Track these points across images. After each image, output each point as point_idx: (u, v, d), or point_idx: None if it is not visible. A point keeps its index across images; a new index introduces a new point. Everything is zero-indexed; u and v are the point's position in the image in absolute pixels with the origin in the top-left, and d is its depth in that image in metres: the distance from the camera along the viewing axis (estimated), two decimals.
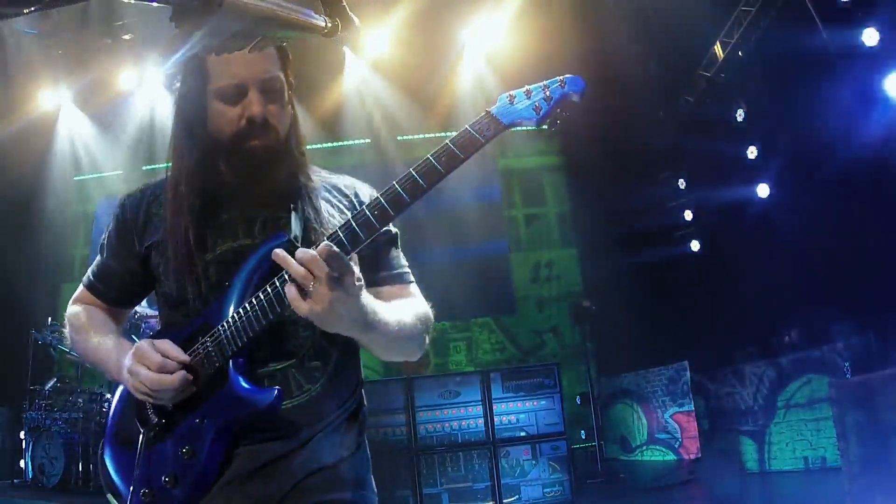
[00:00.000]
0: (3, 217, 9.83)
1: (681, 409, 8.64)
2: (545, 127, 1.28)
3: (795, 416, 6.75)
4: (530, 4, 8.96)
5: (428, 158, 1.28)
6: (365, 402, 1.57)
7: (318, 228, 1.45)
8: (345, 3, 1.04)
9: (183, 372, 1.31)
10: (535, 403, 6.01)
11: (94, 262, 1.62)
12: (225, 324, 1.34)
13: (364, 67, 10.25)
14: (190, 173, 1.47)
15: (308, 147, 1.58)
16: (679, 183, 10.49)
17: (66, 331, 1.61)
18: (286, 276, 1.25)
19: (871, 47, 7.01)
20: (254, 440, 1.36)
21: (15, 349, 8.28)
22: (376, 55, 9.79)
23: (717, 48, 9.11)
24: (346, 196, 1.59)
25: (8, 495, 6.96)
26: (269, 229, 1.44)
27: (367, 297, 1.26)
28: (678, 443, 8.71)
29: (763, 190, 8.84)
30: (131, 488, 1.35)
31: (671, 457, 8.80)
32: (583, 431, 9.93)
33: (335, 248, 1.19)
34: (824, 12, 7.31)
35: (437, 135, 11.22)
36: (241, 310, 1.32)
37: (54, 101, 10.29)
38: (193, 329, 1.39)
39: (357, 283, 1.20)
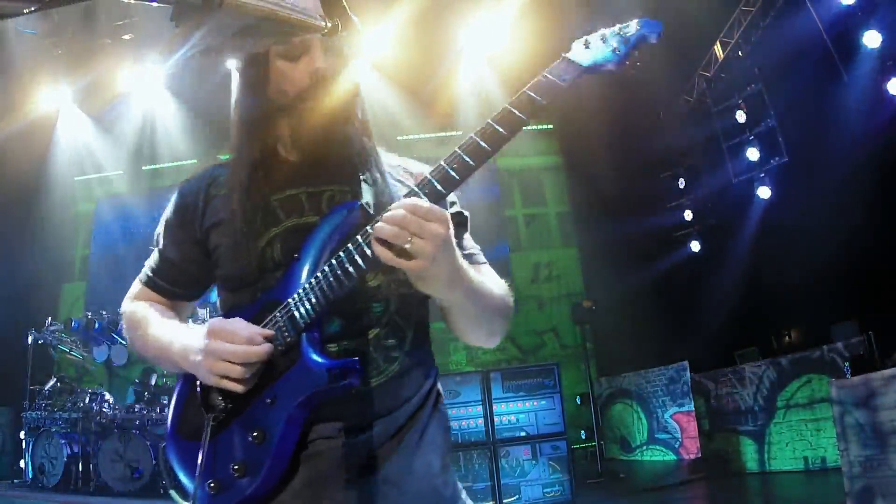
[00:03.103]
0: (3, 217, 9.84)
1: (681, 409, 8.64)
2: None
3: (795, 416, 6.76)
4: (530, 4, 8.96)
5: (506, 107, 1.20)
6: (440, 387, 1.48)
7: (387, 193, 1.40)
8: (345, 3, 1.04)
9: (269, 344, 1.23)
10: (534, 403, 6.01)
11: (151, 257, 1.54)
12: (296, 295, 1.25)
13: (364, 67, 10.26)
14: (253, 147, 1.42)
15: None
16: (679, 183, 10.50)
17: (124, 331, 1.52)
18: (361, 240, 1.19)
19: (872, 49, 7.01)
20: (331, 424, 1.26)
21: (15, 349, 8.28)
22: (376, 55, 9.79)
23: (717, 48, 9.12)
24: (404, 169, 1.54)
25: (8, 495, 6.96)
26: (337, 203, 1.37)
27: (458, 252, 1.21)
28: (678, 443, 8.71)
29: (763, 191, 8.84)
30: (196, 481, 1.26)
31: (671, 457, 8.80)
32: (583, 431, 9.93)
33: (423, 200, 1.15)
34: (825, 13, 7.31)
35: (437, 135, 11.23)
36: (313, 279, 1.24)
37: (54, 101, 10.28)
38: (261, 306, 1.31)
39: (451, 232, 1.14)
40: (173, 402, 1.43)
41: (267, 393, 1.25)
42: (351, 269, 1.20)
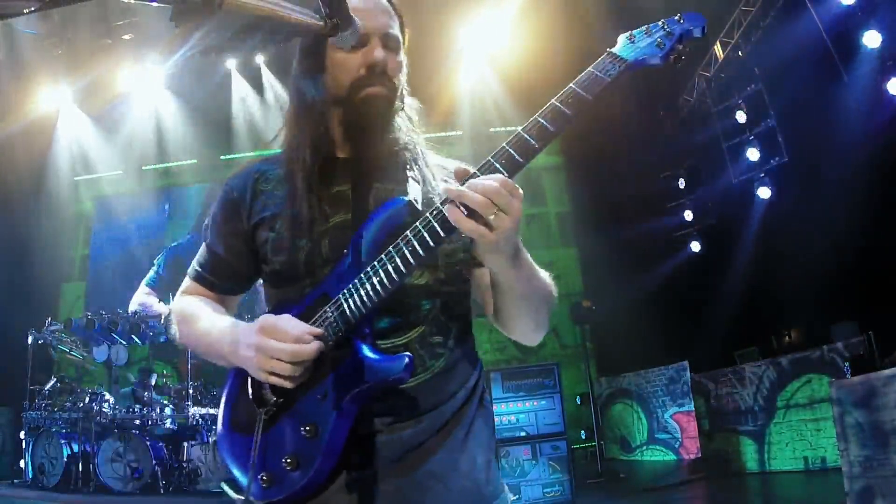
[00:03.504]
0: (3, 217, 9.84)
1: (681, 409, 8.64)
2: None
3: (795, 416, 6.76)
4: (530, 4, 8.96)
5: (552, 103, 1.20)
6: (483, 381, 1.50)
7: (433, 190, 1.41)
8: (345, 3, 1.04)
9: (319, 342, 1.24)
10: (535, 403, 6.01)
11: (199, 253, 1.56)
12: (346, 291, 1.26)
13: None
14: (309, 141, 1.43)
15: None
16: (679, 183, 10.50)
17: (173, 325, 1.54)
18: (409, 234, 1.20)
19: (872, 49, 7.01)
20: (380, 419, 1.29)
21: (15, 349, 8.28)
22: None
23: (717, 48, 9.12)
24: (443, 167, 1.55)
25: (8, 495, 6.96)
26: (383, 201, 1.37)
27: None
28: (678, 443, 8.71)
29: (763, 191, 8.84)
30: (249, 474, 1.28)
31: (671, 457, 8.80)
32: (583, 431, 9.93)
33: (505, 175, 1.15)
34: (825, 13, 7.31)
35: (437, 134, 11.21)
36: (363, 274, 1.25)
37: (54, 101, 10.29)
38: (310, 302, 1.33)
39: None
40: (224, 397, 1.44)
41: (319, 387, 1.27)
42: (394, 269, 1.21)
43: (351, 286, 1.26)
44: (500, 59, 10.02)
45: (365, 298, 1.24)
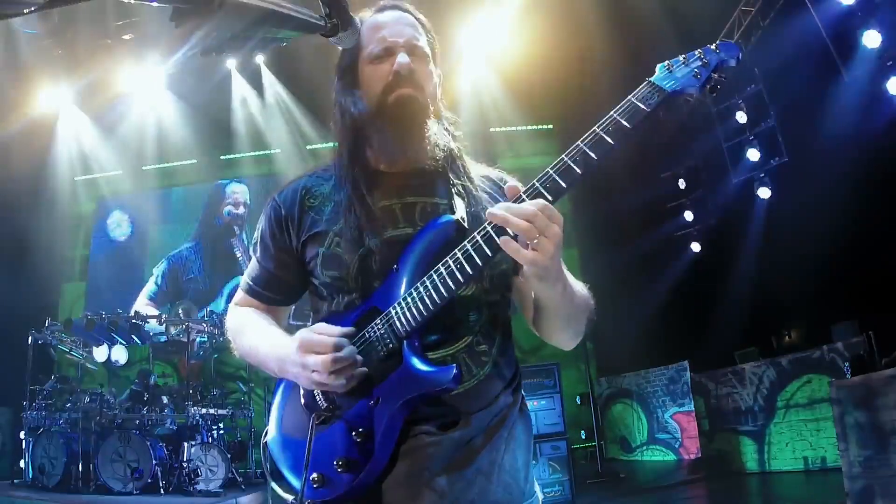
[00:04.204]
0: (4, 217, 9.84)
1: (681, 409, 8.64)
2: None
3: (795, 416, 6.76)
4: (530, 5, 8.96)
5: (594, 130, 1.27)
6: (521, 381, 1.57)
7: (476, 204, 1.46)
8: (345, 3, 1.04)
9: (353, 347, 1.31)
10: (535, 403, 6.02)
11: (250, 266, 1.63)
12: (397, 305, 1.32)
13: None
14: (348, 157, 1.50)
15: (311, 147, 1.57)
16: (679, 183, 10.49)
17: (228, 336, 1.62)
18: (459, 254, 1.26)
19: (872, 49, 7.01)
20: (428, 423, 1.34)
21: (15, 349, 8.28)
22: None
23: None
24: (485, 177, 1.58)
25: (8, 495, 6.96)
26: (430, 216, 1.44)
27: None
28: (678, 443, 8.71)
29: (763, 191, 8.84)
30: (303, 476, 1.34)
31: (671, 457, 8.80)
32: (583, 431, 9.93)
33: (547, 202, 1.23)
34: (824, 13, 7.31)
35: None
36: (413, 290, 1.31)
37: (54, 102, 10.29)
38: (359, 315, 1.39)
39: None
40: (276, 401, 1.52)
41: (370, 395, 1.34)
42: (443, 285, 1.28)
43: (401, 300, 1.33)
44: (500, 59, 10.01)
45: (415, 312, 1.30)
